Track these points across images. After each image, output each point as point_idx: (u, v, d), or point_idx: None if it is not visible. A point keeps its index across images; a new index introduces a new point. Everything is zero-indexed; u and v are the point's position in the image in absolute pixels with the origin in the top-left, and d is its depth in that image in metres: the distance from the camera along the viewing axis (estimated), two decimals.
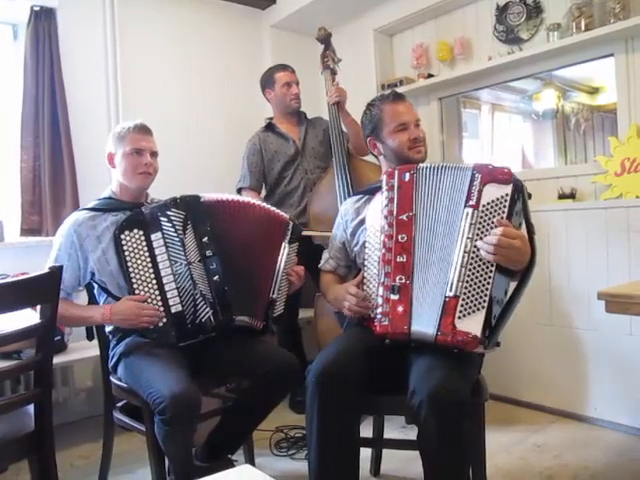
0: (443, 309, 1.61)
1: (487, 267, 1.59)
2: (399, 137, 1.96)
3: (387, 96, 2.03)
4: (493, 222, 1.59)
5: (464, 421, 1.55)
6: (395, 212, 1.77)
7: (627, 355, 2.59)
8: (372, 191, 1.96)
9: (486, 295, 1.58)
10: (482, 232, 1.60)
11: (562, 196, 2.87)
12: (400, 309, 1.70)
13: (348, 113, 3.06)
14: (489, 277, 1.59)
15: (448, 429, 1.52)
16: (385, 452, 2.34)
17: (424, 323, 1.66)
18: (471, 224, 1.62)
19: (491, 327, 1.60)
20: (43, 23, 3.00)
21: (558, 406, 2.85)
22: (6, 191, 3.10)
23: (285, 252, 2.12)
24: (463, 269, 1.60)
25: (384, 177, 1.85)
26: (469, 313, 1.59)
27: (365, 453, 1.81)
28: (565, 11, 2.85)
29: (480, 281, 1.59)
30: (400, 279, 1.72)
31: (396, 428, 2.67)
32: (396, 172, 1.82)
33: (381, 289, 1.76)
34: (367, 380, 1.73)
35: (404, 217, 1.75)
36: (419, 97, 3.55)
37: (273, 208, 2.21)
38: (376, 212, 1.85)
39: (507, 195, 1.60)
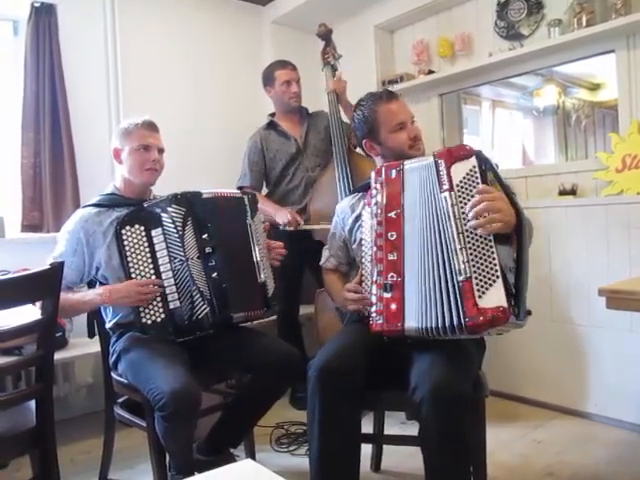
0: (461, 296, 1.56)
1: (486, 239, 1.57)
2: (398, 137, 1.94)
3: (379, 96, 2.00)
4: (472, 195, 1.58)
5: (465, 417, 1.55)
6: (384, 210, 1.76)
7: (628, 351, 2.59)
8: (365, 188, 1.96)
9: (496, 265, 1.54)
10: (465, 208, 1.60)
11: (563, 192, 2.87)
12: (393, 307, 1.69)
13: (350, 103, 3.04)
14: (491, 247, 1.56)
15: (450, 425, 1.52)
16: (385, 448, 2.35)
17: (415, 318, 1.65)
18: (453, 205, 1.60)
19: (513, 295, 1.56)
20: (43, 19, 2.99)
21: (559, 402, 2.86)
22: (7, 187, 3.10)
23: (253, 229, 2.12)
24: (464, 250, 1.57)
25: (372, 175, 1.83)
26: (487, 289, 1.54)
27: (365, 449, 1.81)
28: (566, 7, 2.84)
29: (485, 255, 1.56)
30: (392, 277, 1.71)
31: (396, 424, 2.67)
32: (383, 170, 1.80)
33: (374, 287, 1.74)
34: (368, 376, 1.73)
35: (392, 215, 1.74)
36: (419, 93, 3.54)
37: (230, 190, 2.22)
38: (368, 210, 1.85)
39: (474, 167, 1.60)
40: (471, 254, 1.56)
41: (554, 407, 2.86)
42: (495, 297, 1.53)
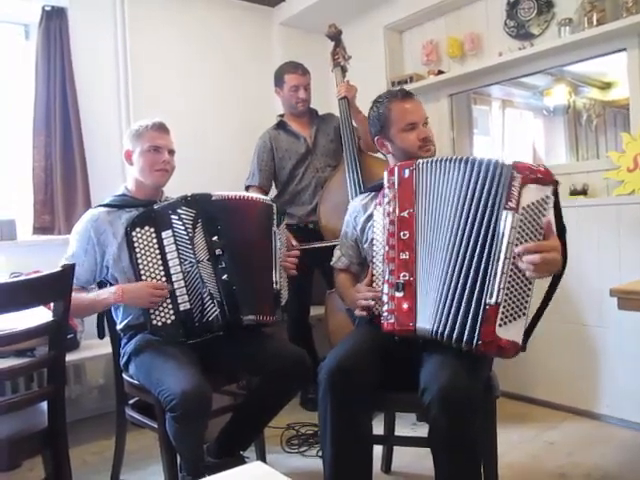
0: (482, 317, 1.53)
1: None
2: (408, 137, 1.93)
3: (395, 94, 2.00)
4: (534, 226, 1.51)
5: (475, 419, 1.55)
6: (397, 209, 1.76)
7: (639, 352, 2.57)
8: (378, 187, 1.96)
9: (527, 302, 1.53)
10: (522, 237, 1.51)
11: (574, 192, 2.85)
12: (405, 306, 1.70)
13: (359, 110, 3.03)
14: (530, 285, 1.53)
15: (459, 427, 1.52)
16: (396, 449, 2.34)
17: (428, 319, 1.65)
18: (512, 228, 1.52)
19: (526, 332, 1.57)
20: (54, 23, 3.03)
21: (570, 403, 2.84)
22: (19, 190, 3.13)
23: (277, 237, 2.13)
24: (504, 276, 1.52)
25: (385, 174, 1.83)
26: (510, 321, 1.52)
27: (376, 450, 1.81)
28: (577, 6, 2.83)
29: (521, 289, 1.53)
30: (404, 276, 1.71)
31: (407, 425, 2.66)
32: (396, 169, 1.80)
33: (386, 287, 1.75)
34: (379, 377, 1.73)
35: (405, 214, 1.74)
36: (429, 94, 3.53)
37: (260, 196, 2.29)
38: (380, 209, 1.85)
39: (548, 197, 1.52)
40: (509, 282, 1.52)
41: (565, 408, 2.85)
42: (514, 331, 1.53)
